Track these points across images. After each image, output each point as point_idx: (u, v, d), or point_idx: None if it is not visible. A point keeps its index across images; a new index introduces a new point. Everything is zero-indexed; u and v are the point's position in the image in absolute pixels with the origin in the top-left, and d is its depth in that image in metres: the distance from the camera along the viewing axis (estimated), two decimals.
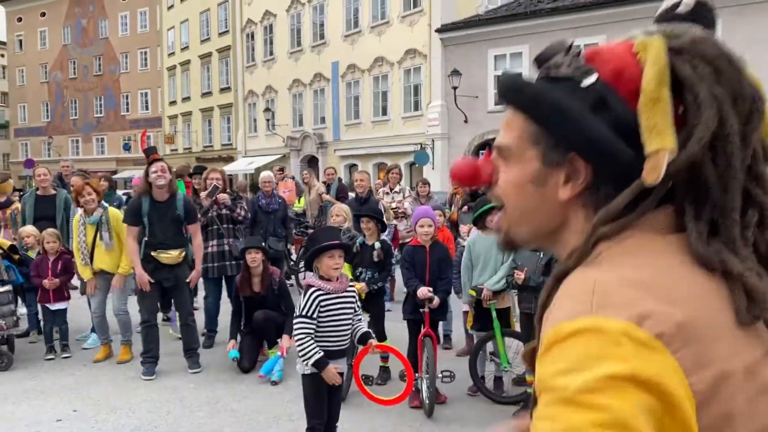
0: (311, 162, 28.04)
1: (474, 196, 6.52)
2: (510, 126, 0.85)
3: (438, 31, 21.26)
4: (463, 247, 5.35)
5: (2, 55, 54.38)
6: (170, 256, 5.46)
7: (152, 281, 5.40)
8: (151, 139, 43.78)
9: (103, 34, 46.15)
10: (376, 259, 5.03)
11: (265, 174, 7.89)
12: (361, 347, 3.75)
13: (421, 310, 4.54)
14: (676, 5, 0.83)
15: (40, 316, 6.42)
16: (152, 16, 43.06)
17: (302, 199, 9.79)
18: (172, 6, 38.90)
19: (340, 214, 6.09)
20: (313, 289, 3.37)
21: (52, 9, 48.18)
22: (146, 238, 5.43)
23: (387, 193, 8.34)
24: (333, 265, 3.37)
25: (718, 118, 0.73)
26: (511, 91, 0.84)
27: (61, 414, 4.65)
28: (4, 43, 53.26)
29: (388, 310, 6.20)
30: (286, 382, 5.20)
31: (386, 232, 6.94)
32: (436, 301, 4.55)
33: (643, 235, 0.76)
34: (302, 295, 3.47)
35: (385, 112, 24.41)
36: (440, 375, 4.65)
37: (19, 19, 50.03)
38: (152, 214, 5.40)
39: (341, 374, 3.45)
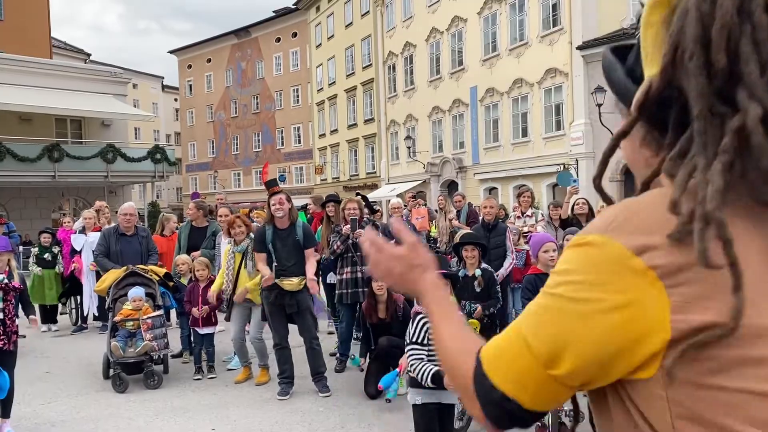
0: (451, 186, 28.07)
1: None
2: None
3: (579, 48, 20.54)
4: None
5: (176, 99, 60.64)
6: (292, 283, 5.75)
7: (279, 292, 5.70)
8: (303, 169, 46.46)
9: (259, 74, 49.91)
10: (478, 290, 4.88)
11: (394, 201, 8.01)
12: None
13: None
14: None
15: (192, 339, 6.97)
16: (302, 55, 45.90)
17: (434, 227, 9.80)
18: (320, 45, 41.23)
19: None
20: (420, 315, 3.35)
21: (216, 55, 53.08)
22: (275, 264, 5.78)
23: (518, 217, 8.12)
24: None
25: (678, 28, 0.73)
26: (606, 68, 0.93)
27: (201, 431, 4.99)
28: (177, 88, 59.39)
29: None
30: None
31: (509, 261, 6.74)
32: None
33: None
34: (410, 323, 3.46)
35: (525, 134, 23.92)
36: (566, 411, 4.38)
37: (189, 66, 55.58)
38: (275, 240, 5.81)
39: (453, 406, 3.37)
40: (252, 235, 6.41)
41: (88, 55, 43.94)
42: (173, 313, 7.79)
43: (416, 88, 30.76)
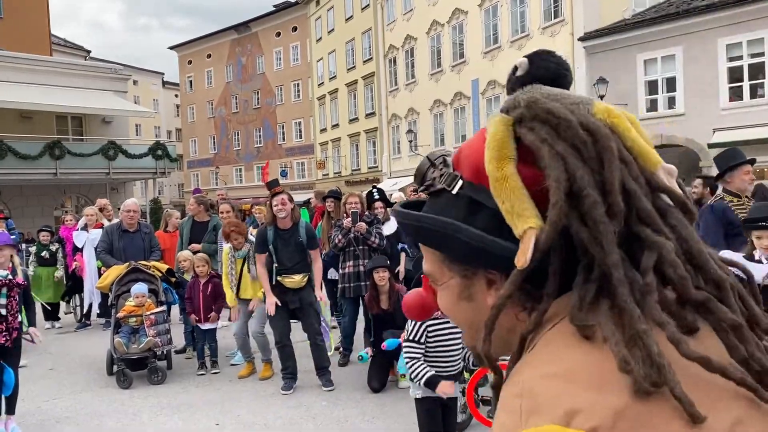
0: None
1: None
2: (426, 253, 0.83)
3: (581, 39, 20.47)
4: None
5: (176, 95, 60.58)
6: (293, 280, 5.75)
7: (279, 304, 5.69)
8: (304, 165, 46.44)
9: (260, 69, 49.81)
10: None
11: (396, 195, 7.99)
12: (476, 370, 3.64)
13: None
14: (515, 70, 0.80)
15: (195, 335, 6.97)
16: (303, 49, 45.78)
17: None
18: (320, 39, 41.13)
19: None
20: None
21: (216, 50, 52.96)
22: (275, 265, 5.75)
23: None
24: None
25: (566, 175, 0.67)
26: (402, 225, 0.81)
27: (205, 427, 4.99)
28: (177, 85, 59.32)
29: None
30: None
31: None
32: None
33: (562, 321, 0.70)
34: (409, 320, 3.45)
35: None
36: None
37: (189, 62, 55.49)
38: (277, 241, 5.75)
39: (454, 400, 3.36)
40: (251, 237, 6.41)
41: (88, 52, 43.91)
42: (175, 308, 7.78)
43: (417, 81, 30.68)
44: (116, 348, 6.12)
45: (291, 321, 6.01)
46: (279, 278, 5.73)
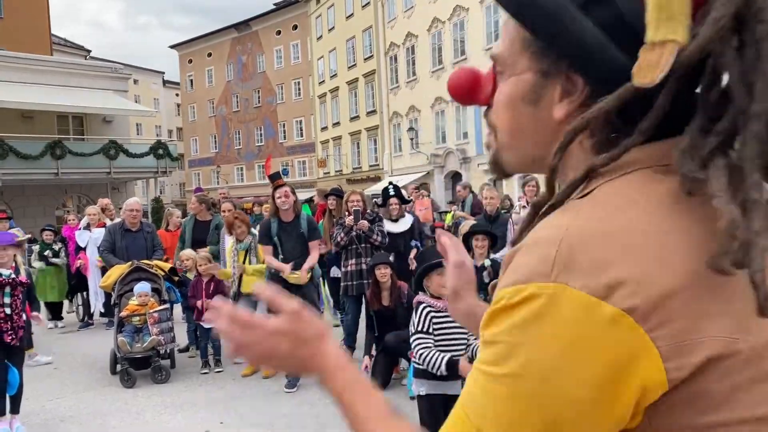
0: (455, 178, 28.04)
1: None
2: (505, 33, 0.72)
3: None
4: None
5: (177, 94, 60.59)
6: (297, 276, 5.75)
7: (283, 286, 5.70)
8: (305, 163, 46.42)
9: (260, 68, 49.78)
10: (487, 280, 4.85)
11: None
12: None
13: None
14: None
15: (198, 333, 6.97)
16: (303, 48, 45.75)
17: (449, 215, 9.93)
18: (320, 37, 41.10)
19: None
20: (423, 304, 3.32)
21: (216, 49, 52.93)
22: (280, 257, 5.81)
23: (524, 207, 8.08)
24: (443, 282, 3.30)
25: None
26: None
27: (209, 426, 4.98)
28: (178, 84, 59.32)
29: None
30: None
31: (506, 250, 6.71)
32: None
33: (641, 173, 0.61)
34: (413, 313, 3.44)
35: None
36: None
37: (190, 61, 55.46)
38: (280, 233, 5.85)
39: (458, 396, 3.35)
40: (254, 231, 6.44)
41: (89, 51, 43.92)
42: (178, 307, 7.78)
43: (418, 78, 30.66)
44: (120, 347, 6.12)
45: None
46: (282, 274, 5.75)
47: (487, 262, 4.95)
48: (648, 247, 0.55)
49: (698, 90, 0.60)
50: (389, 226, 6.88)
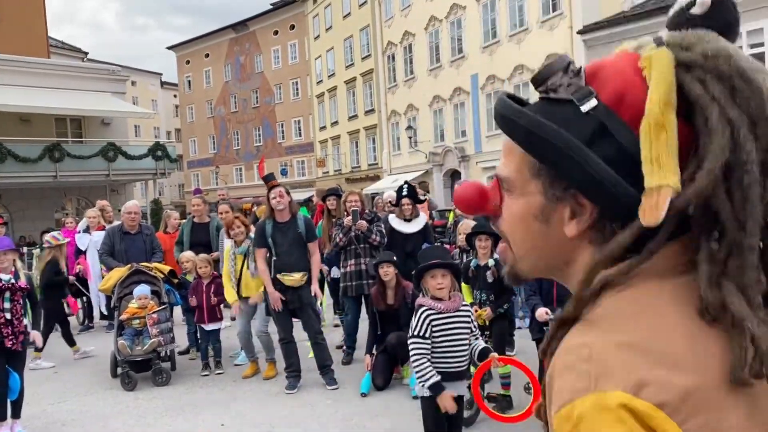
0: (454, 176, 28.06)
1: None
2: (510, 155, 0.77)
3: (580, 32, 20.43)
4: None
5: (175, 96, 60.50)
6: (294, 278, 5.74)
7: (284, 299, 5.69)
8: (304, 163, 46.40)
9: (258, 68, 49.72)
10: (490, 280, 4.85)
11: (387, 194, 7.99)
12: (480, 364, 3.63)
13: (545, 328, 4.32)
14: (691, 4, 0.70)
15: (199, 335, 6.97)
16: (301, 47, 45.70)
17: (451, 214, 9.92)
18: (318, 36, 41.06)
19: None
20: (423, 308, 3.32)
21: (214, 50, 52.86)
22: (274, 259, 5.76)
23: None
24: (436, 285, 3.30)
25: (733, 144, 0.63)
26: (505, 119, 0.74)
27: (210, 427, 4.99)
28: (175, 85, 59.23)
29: (519, 328, 5.99)
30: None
31: None
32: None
33: (646, 283, 0.67)
34: (413, 315, 3.44)
35: None
36: None
37: (187, 62, 55.38)
38: (276, 234, 5.78)
39: (461, 397, 3.36)
40: (252, 235, 6.41)
41: (86, 53, 43.84)
42: (178, 310, 7.78)
43: (416, 77, 30.64)
44: (120, 350, 6.13)
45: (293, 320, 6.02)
46: (279, 276, 5.73)
47: (491, 262, 4.95)
48: (668, 353, 0.62)
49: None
50: (401, 227, 6.78)
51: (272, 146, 49.03)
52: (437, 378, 3.26)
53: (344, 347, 6.82)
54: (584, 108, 0.69)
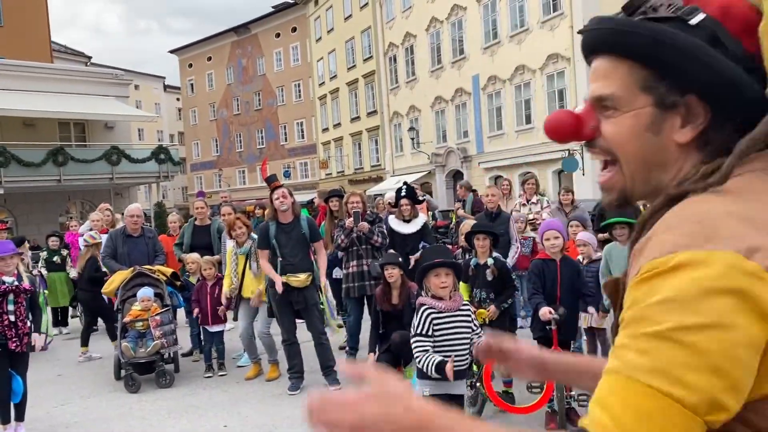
0: (456, 176, 28.06)
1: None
2: (611, 75, 0.81)
3: (581, 32, 20.43)
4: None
5: (178, 99, 60.66)
6: (299, 279, 5.76)
7: (286, 289, 5.69)
8: (307, 165, 46.46)
9: (260, 71, 49.81)
10: (490, 278, 4.86)
11: (388, 195, 8.00)
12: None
13: (548, 327, 4.32)
14: None
15: (202, 337, 6.99)
16: (303, 49, 45.77)
17: (453, 215, 9.97)
18: (320, 38, 41.13)
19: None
20: (424, 306, 3.34)
21: (216, 53, 53.00)
22: (279, 259, 5.78)
23: (523, 205, 8.09)
24: (439, 283, 3.32)
25: None
26: (619, 33, 0.79)
27: (213, 429, 5.01)
28: (178, 88, 59.39)
29: (521, 327, 5.98)
30: None
31: (514, 249, 6.70)
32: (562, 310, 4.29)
33: (757, 172, 0.73)
34: (415, 315, 3.46)
35: (529, 121, 23.84)
36: (574, 395, 4.38)
37: (190, 65, 55.52)
38: (279, 235, 5.80)
39: (461, 396, 3.37)
40: (254, 235, 6.42)
41: (89, 57, 44.01)
42: (181, 312, 7.81)
43: (418, 78, 30.67)
44: (123, 352, 6.15)
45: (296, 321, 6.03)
46: (284, 277, 5.74)
47: (490, 261, 4.95)
48: None
49: None
50: (400, 227, 6.84)
51: (275, 148, 49.10)
52: (439, 357, 3.27)
53: (347, 348, 6.83)
54: (693, 21, 0.75)
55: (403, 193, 7.09)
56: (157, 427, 5.16)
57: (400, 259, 5.87)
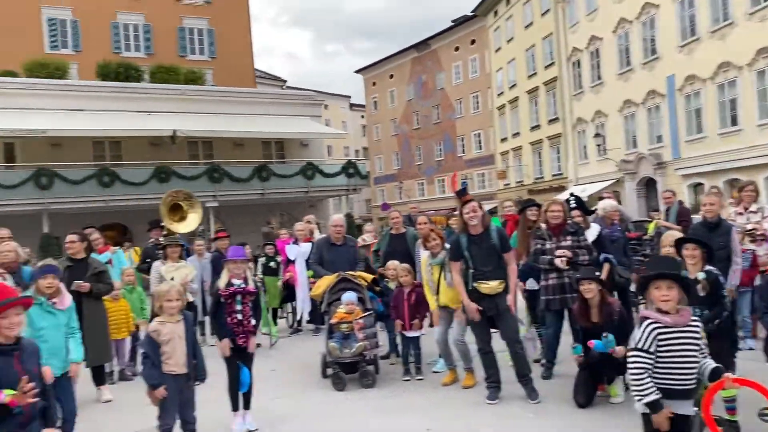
0: (648, 184, 26.25)
1: None
2: None
3: None
4: None
5: (362, 116, 63.95)
6: (489, 286, 5.74)
7: (480, 309, 5.72)
8: (485, 175, 46.32)
9: (439, 85, 50.82)
10: (702, 293, 4.41)
11: (606, 204, 7.78)
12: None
13: None
14: None
15: (399, 341, 7.27)
16: (481, 61, 45.91)
17: (651, 225, 9.48)
18: (499, 48, 40.94)
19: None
20: (648, 321, 3.17)
21: (398, 71, 55.10)
22: (471, 270, 5.82)
23: (740, 214, 7.35)
24: (660, 297, 3.12)
25: None
26: None
27: (417, 431, 5.18)
28: (362, 106, 62.60)
29: (751, 349, 5.40)
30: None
31: (735, 266, 6.03)
32: None
33: None
34: (637, 327, 3.29)
35: (735, 122, 21.62)
36: None
37: (374, 84, 58.31)
38: (471, 247, 5.83)
39: (687, 417, 3.15)
40: (447, 245, 6.53)
41: (284, 81, 47.91)
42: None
43: (604, 82, 29.26)
44: (330, 352, 6.60)
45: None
46: (475, 284, 5.78)
47: (701, 275, 4.50)
48: None
49: None
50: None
51: (452, 160, 49.64)
52: (657, 396, 3.10)
53: (543, 361, 6.68)
54: None
55: (572, 205, 6.80)
56: (368, 424, 5.43)
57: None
